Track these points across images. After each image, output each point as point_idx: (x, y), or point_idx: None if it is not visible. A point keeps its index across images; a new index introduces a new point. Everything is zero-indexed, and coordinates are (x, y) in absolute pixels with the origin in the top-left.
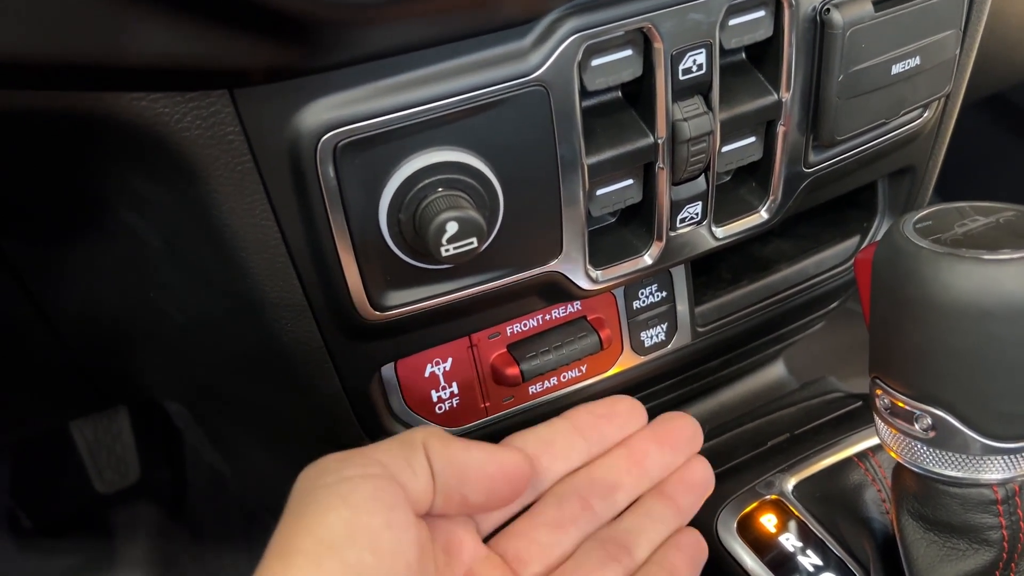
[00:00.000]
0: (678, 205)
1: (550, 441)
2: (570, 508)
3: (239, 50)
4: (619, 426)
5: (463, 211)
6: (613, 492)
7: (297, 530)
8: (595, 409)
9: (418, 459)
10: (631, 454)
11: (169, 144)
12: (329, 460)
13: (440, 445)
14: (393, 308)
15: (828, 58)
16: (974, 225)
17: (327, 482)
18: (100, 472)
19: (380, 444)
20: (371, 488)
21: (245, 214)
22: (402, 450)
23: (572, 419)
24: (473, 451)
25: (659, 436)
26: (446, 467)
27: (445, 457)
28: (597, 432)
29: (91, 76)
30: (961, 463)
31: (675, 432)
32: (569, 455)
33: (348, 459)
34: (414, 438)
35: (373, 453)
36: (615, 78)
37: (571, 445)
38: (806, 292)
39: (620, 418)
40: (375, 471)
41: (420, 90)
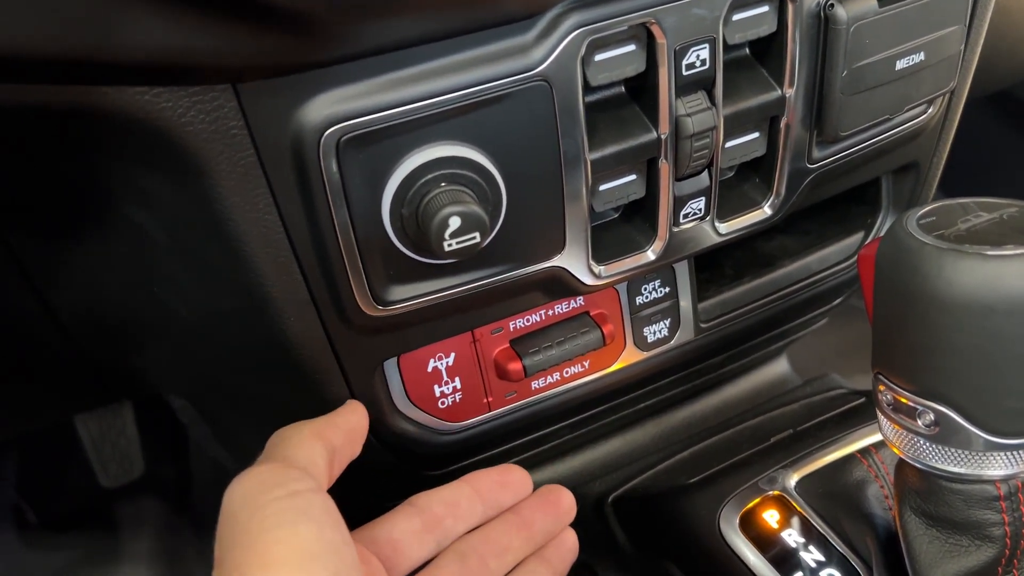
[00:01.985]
0: (681, 201)
1: (455, 503)
2: (470, 565)
3: (242, 45)
4: (512, 493)
5: (466, 206)
6: (505, 552)
7: (269, 543)
8: (492, 476)
9: (322, 460)
10: (521, 520)
11: (172, 139)
12: (261, 473)
13: (323, 440)
14: (396, 303)
15: (832, 54)
16: (977, 221)
17: (278, 496)
18: (105, 467)
19: (279, 451)
20: (322, 503)
21: (248, 209)
22: (310, 454)
23: (473, 484)
24: (332, 431)
25: (543, 506)
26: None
27: (330, 447)
28: (494, 497)
29: (94, 71)
30: (964, 459)
31: (557, 503)
32: (469, 517)
33: (281, 472)
34: (308, 440)
35: (292, 464)
36: (618, 73)
37: (471, 508)
38: (809, 288)
39: (513, 486)
40: (313, 485)
41: (423, 85)
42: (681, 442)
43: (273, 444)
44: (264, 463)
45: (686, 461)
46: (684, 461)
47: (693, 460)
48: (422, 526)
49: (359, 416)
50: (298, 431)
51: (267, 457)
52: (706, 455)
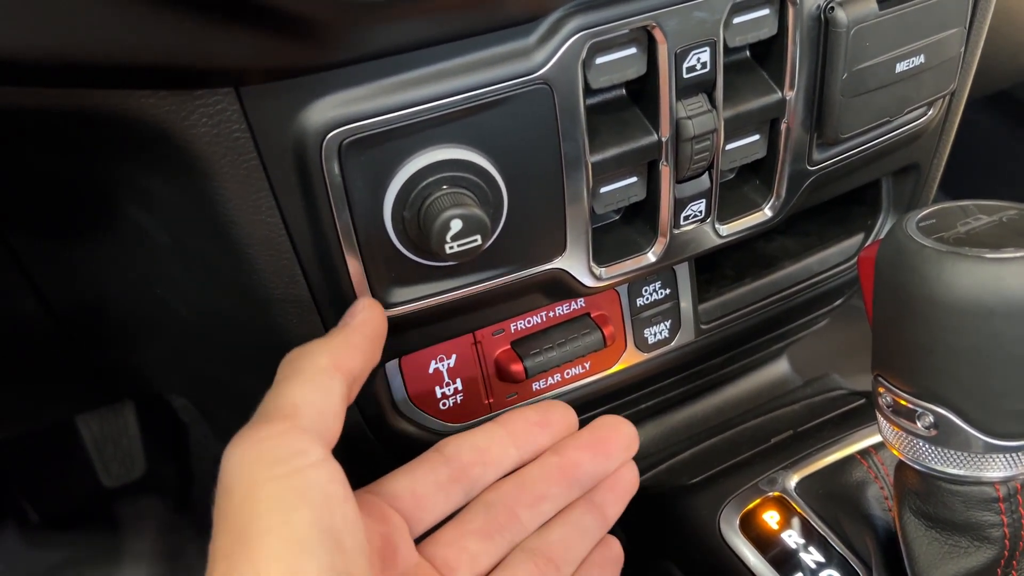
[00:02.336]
0: (682, 203)
1: (485, 448)
2: (497, 517)
3: (246, 48)
4: (552, 434)
5: (467, 209)
6: (540, 502)
7: (260, 532)
8: (529, 416)
9: (336, 406)
10: (563, 463)
11: (176, 141)
12: (263, 441)
13: (341, 371)
14: (397, 305)
15: (832, 56)
16: (977, 224)
17: (277, 474)
18: (106, 466)
19: (288, 393)
20: (326, 479)
21: (251, 211)
22: (323, 402)
23: (507, 426)
24: (350, 353)
25: (594, 444)
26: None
27: (349, 379)
28: (531, 440)
29: (98, 74)
30: (963, 461)
31: (611, 439)
32: (502, 462)
33: (285, 442)
34: (324, 378)
35: (298, 424)
36: (619, 76)
37: (504, 453)
38: (810, 290)
39: (553, 426)
40: (319, 455)
41: (425, 88)
42: (681, 443)
43: (284, 378)
44: (268, 423)
45: (686, 462)
46: (684, 462)
47: (693, 461)
48: (448, 476)
49: (377, 318)
50: (313, 361)
51: (275, 402)
52: (706, 456)
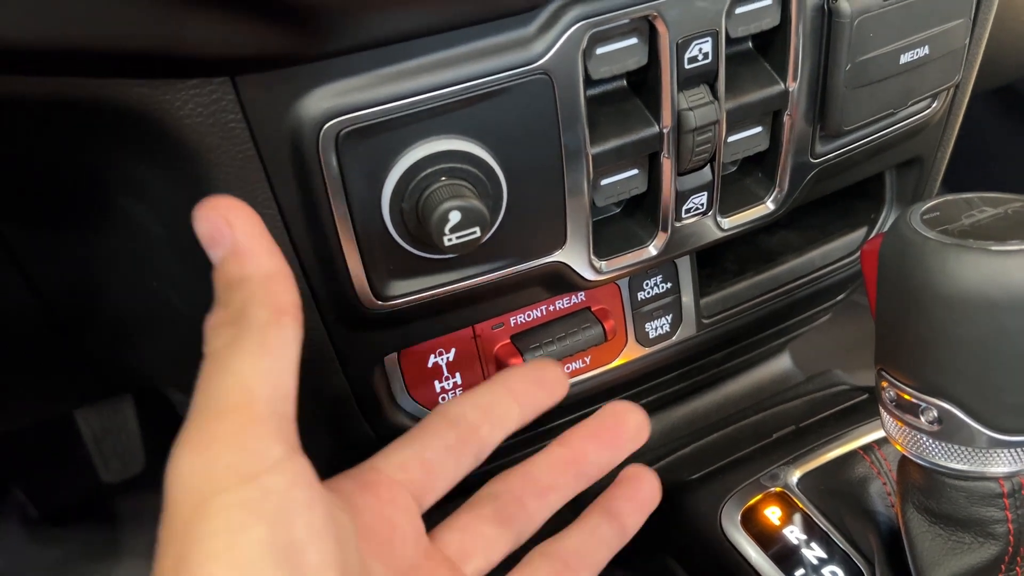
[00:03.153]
0: (683, 195)
1: (489, 407)
2: (506, 507)
3: (241, 37)
4: (550, 394)
5: (466, 200)
6: (547, 493)
7: (204, 557)
8: (527, 374)
9: (292, 366)
10: (569, 454)
11: (170, 131)
12: (214, 447)
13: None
14: (396, 298)
15: (835, 47)
16: (982, 216)
17: (228, 485)
18: (106, 461)
19: (246, 377)
20: (284, 485)
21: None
22: (276, 366)
23: (506, 384)
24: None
25: (600, 432)
26: None
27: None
28: (531, 398)
29: (92, 62)
30: (967, 456)
31: (618, 428)
32: (507, 421)
33: (239, 448)
34: (275, 334)
35: (255, 416)
36: (620, 67)
37: (508, 412)
38: (812, 284)
39: (549, 385)
40: (278, 454)
41: (423, 78)
42: (683, 438)
43: (224, 347)
44: (217, 417)
45: (688, 457)
46: (686, 457)
47: (695, 456)
48: (457, 438)
49: (252, 215)
50: (252, 315)
51: (222, 384)
52: (708, 451)
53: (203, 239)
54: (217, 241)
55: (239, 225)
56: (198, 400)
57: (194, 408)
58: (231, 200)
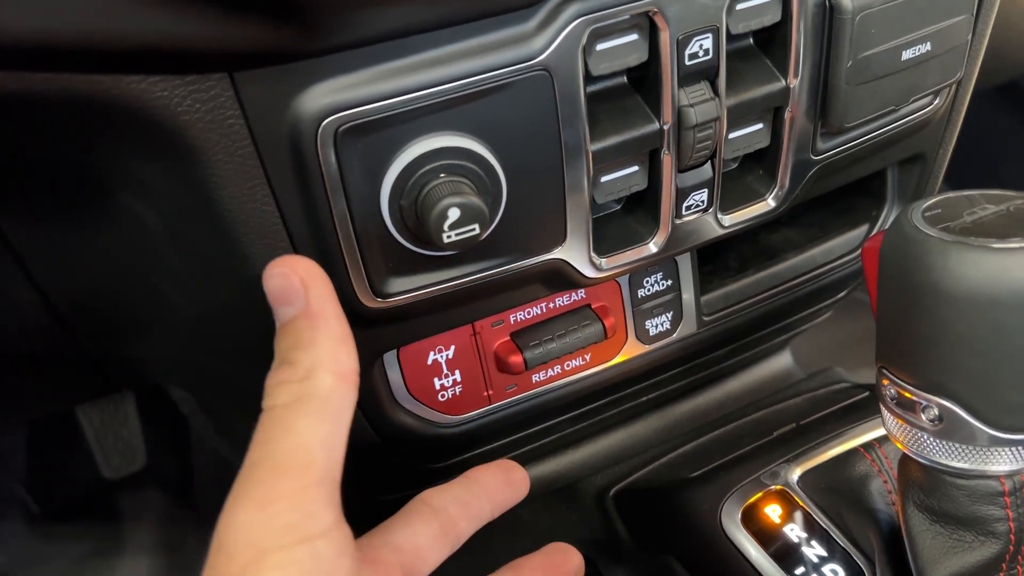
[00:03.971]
0: (684, 192)
1: (468, 502)
2: None
3: (238, 33)
4: (514, 493)
5: (465, 197)
6: None
7: None
8: (497, 474)
9: (345, 431)
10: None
11: (168, 128)
12: (277, 502)
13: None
14: (395, 295)
15: (837, 44)
16: (983, 213)
17: (285, 543)
18: (107, 457)
19: (308, 441)
20: (334, 552)
21: (245, 199)
22: (334, 431)
23: (481, 482)
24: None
25: (547, 567)
26: None
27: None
28: (500, 498)
29: (88, 58)
30: (968, 454)
31: (563, 565)
32: (479, 518)
33: (296, 509)
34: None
35: (312, 481)
36: (620, 63)
37: (481, 509)
38: (814, 281)
39: (515, 486)
40: (330, 521)
41: (422, 74)
42: (684, 435)
43: (286, 406)
44: (278, 477)
45: (688, 455)
46: (686, 455)
47: (695, 454)
48: (440, 529)
49: (326, 280)
50: (317, 382)
51: (285, 444)
52: (708, 449)
53: (272, 295)
54: (289, 300)
55: (314, 288)
56: (257, 453)
57: (251, 461)
58: (307, 261)
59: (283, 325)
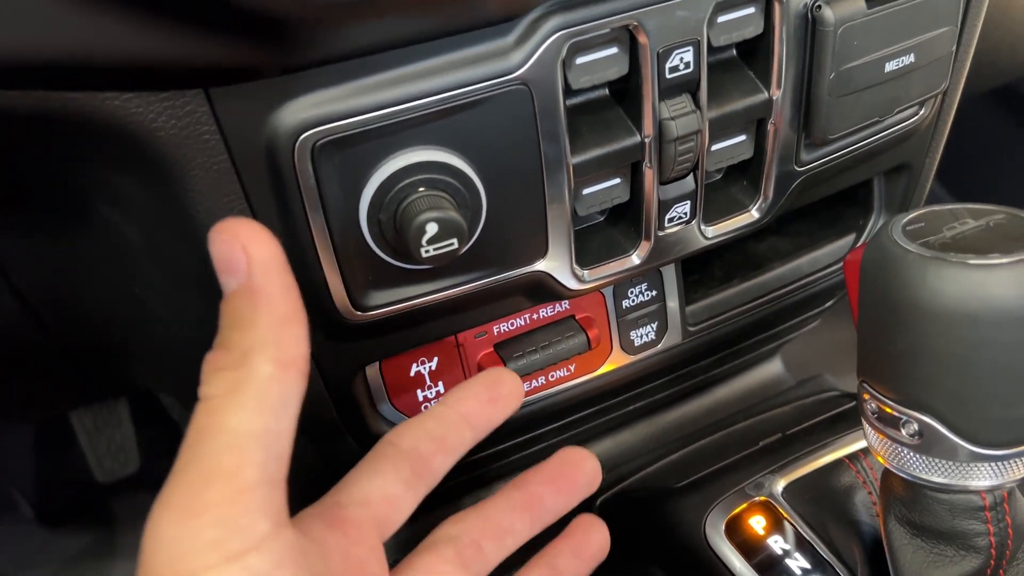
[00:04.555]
0: (666, 204)
1: (442, 436)
2: (464, 550)
3: (213, 50)
4: (504, 408)
5: (444, 212)
6: (504, 536)
7: None
8: (479, 392)
9: (290, 426)
10: (525, 497)
11: (144, 143)
12: (204, 513)
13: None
14: (375, 308)
15: (819, 56)
16: (964, 228)
17: (211, 563)
18: (100, 461)
19: (239, 439)
20: (269, 567)
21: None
22: (273, 424)
23: (458, 406)
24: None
25: (556, 478)
26: None
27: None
28: (485, 419)
29: (62, 76)
30: (948, 470)
31: (572, 474)
32: (459, 448)
33: (223, 520)
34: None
35: (243, 485)
36: (600, 76)
37: (461, 437)
38: (800, 291)
39: (503, 401)
40: (264, 530)
41: (399, 89)
42: (671, 444)
43: (217, 397)
44: (204, 485)
45: (674, 464)
46: (673, 464)
47: (682, 463)
48: (412, 471)
49: (275, 249)
50: (252, 368)
51: (212, 444)
52: (694, 458)
53: (217, 263)
54: (231, 269)
55: (257, 256)
56: (185, 456)
57: (180, 465)
58: (251, 225)
59: (224, 299)
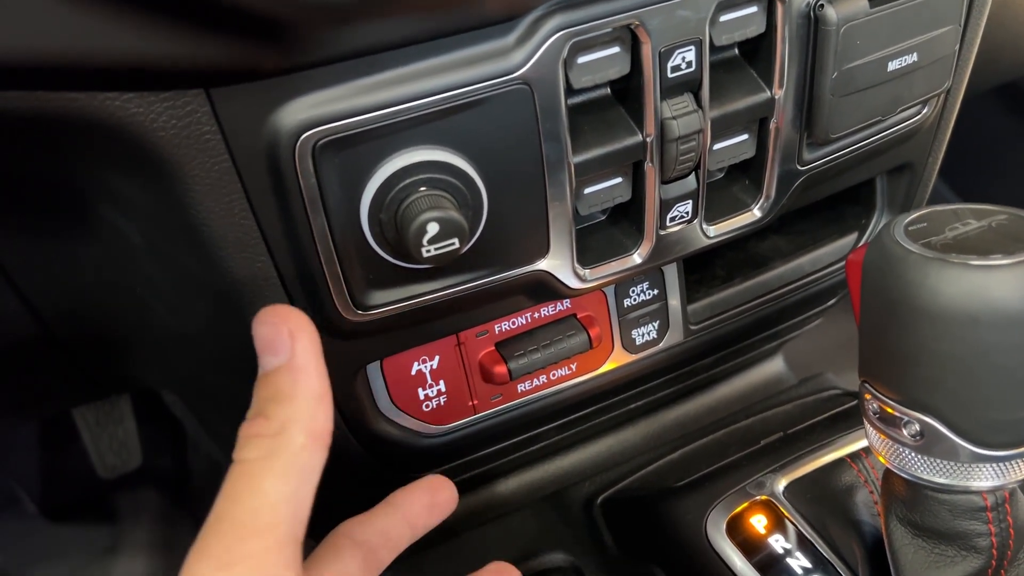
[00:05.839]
0: (668, 204)
1: (386, 532)
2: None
3: (213, 50)
4: (439, 514)
5: (444, 211)
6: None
7: None
8: (421, 498)
9: (312, 491)
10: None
11: (144, 144)
12: (238, 564)
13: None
14: (376, 308)
15: (822, 55)
16: (966, 229)
17: None
18: (103, 457)
19: (274, 500)
20: None
21: (224, 214)
22: (302, 489)
23: (401, 509)
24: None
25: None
26: None
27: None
28: (422, 523)
29: (61, 76)
30: (950, 470)
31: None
32: (399, 546)
33: (261, 566)
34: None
35: (277, 542)
36: (602, 76)
37: (401, 536)
38: (802, 290)
39: (440, 508)
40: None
41: (400, 88)
42: (672, 442)
43: (255, 461)
44: (241, 538)
45: (676, 463)
46: (674, 463)
47: (683, 462)
48: (363, 561)
49: (314, 336)
50: (286, 439)
51: (250, 503)
52: (696, 457)
53: (259, 342)
54: (274, 349)
55: (301, 341)
56: (222, 508)
57: (215, 519)
58: (297, 313)
59: (264, 374)
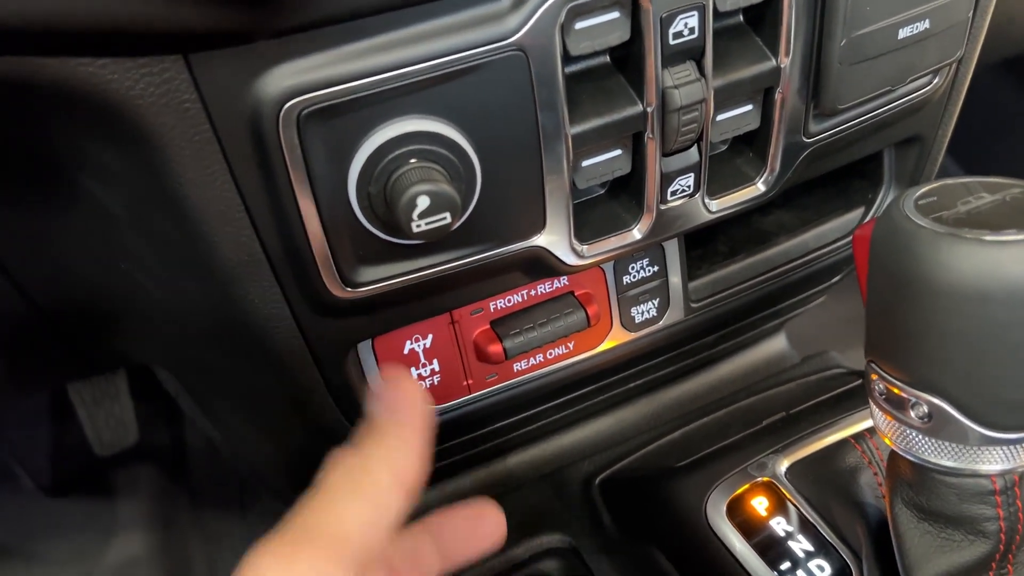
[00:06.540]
0: (669, 177)
1: (415, 554)
2: None
3: (189, 12)
4: (482, 536)
5: (436, 184)
6: None
7: None
8: (461, 525)
9: (390, 530)
10: None
11: (121, 112)
12: (301, 568)
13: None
14: (365, 284)
15: (830, 21)
16: (979, 203)
17: None
18: (99, 434)
19: (349, 523)
20: None
21: (205, 185)
22: (379, 522)
23: (435, 532)
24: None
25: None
26: None
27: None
28: (460, 551)
29: (29, 40)
30: (958, 453)
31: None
32: (428, 573)
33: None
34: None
35: (344, 558)
36: (601, 42)
37: (431, 563)
38: (806, 266)
39: (483, 537)
40: None
41: (389, 55)
42: (672, 422)
43: (337, 487)
44: (311, 545)
45: (676, 443)
46: (674, 443)
47: (683, 442)
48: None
49: (425, 408)
50: (373, 476)
51: (325, 518)
52: (696, 437)
53: (382, 402)
54: (387, 406)
55: (412, 407)
56: (299, 514)
57: (292, 520)
58: (416, 386)
59: (369, 415)
